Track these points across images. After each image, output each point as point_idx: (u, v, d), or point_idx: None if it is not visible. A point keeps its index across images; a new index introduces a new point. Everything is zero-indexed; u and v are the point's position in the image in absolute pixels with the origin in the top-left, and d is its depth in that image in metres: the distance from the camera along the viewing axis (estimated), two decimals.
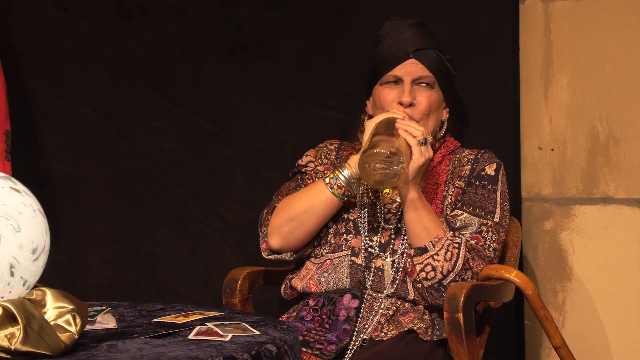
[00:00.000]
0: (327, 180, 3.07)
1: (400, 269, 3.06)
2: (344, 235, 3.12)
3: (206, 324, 2.41)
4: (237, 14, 3.66)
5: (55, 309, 2.20)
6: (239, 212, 3.68)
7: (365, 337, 3.00)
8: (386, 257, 3.08)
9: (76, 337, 2.19)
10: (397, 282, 3.06)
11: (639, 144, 3.34)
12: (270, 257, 3.15)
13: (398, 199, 3.11)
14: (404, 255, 3.07)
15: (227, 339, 2.28)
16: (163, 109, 3.71)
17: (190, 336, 2.31)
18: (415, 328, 3.00)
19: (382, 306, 3.05)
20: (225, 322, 2.42)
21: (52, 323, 2.17)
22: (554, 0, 3.39)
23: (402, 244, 3.08)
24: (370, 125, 3.01)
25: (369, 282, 3.07)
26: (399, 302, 3.07)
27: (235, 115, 3.69)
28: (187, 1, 3.68)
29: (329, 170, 3.21)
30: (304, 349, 2.94)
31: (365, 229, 3.11)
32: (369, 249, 3.09)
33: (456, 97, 3.31)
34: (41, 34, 3.71)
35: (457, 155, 3.20)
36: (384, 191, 2.99)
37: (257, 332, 2.34)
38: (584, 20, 3.37)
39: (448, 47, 3.45)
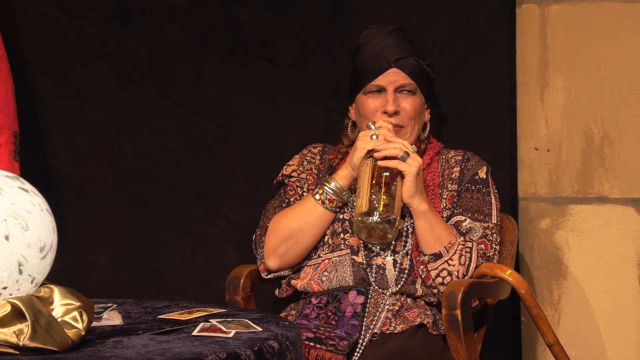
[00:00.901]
0: (317, 197, 3.10)
1: (405, 270, 3.10)
2: (342, 235, 3.14)
3: (210, 320, 2.42)
4: (238, 15, 3.65)
5: (62, 305, 2.22)
6: (240, 211, 3.68)
7: (376, 331, 3.04)
8: (386, 256, 3.12)
9: (83, 333, 2.21)
10: (402, 280, 3.09)
11: (633, 145, 3.35)
12: (269, 276, 3.18)
13: None
14: (408, 254, 3.10)
15: (230, 335, 2.30)
16: (165, 109, 3.70)
17: (194, 332, 2.33)
18: (425, 323, 3.04)
19: (387, 302, 3.09)
20: (228, 319, 2.43)
21: (59, 320, 2.20)
22: (550, 5, 3.40)
23: (405, 245, 3.12)
24: (362, 147, 3.02)
25: (372, 279, 3.11)
26: (402, 298, 3.10)
27: (236, 116, 3.69)
28: (187, 2, 3.67)
29: (312, 175, 3.25)
30: (317, 346, 2.96)
31: None
32: (369, 246, 3.12)
33: (435, 99, 3.35)
34: (45, 36, 3.69)
35: (444, 156, 3.24)
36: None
37: (260, 329, 2.36)
38: (579, 24, 3.37)
39: (447, 49, 3.49)
